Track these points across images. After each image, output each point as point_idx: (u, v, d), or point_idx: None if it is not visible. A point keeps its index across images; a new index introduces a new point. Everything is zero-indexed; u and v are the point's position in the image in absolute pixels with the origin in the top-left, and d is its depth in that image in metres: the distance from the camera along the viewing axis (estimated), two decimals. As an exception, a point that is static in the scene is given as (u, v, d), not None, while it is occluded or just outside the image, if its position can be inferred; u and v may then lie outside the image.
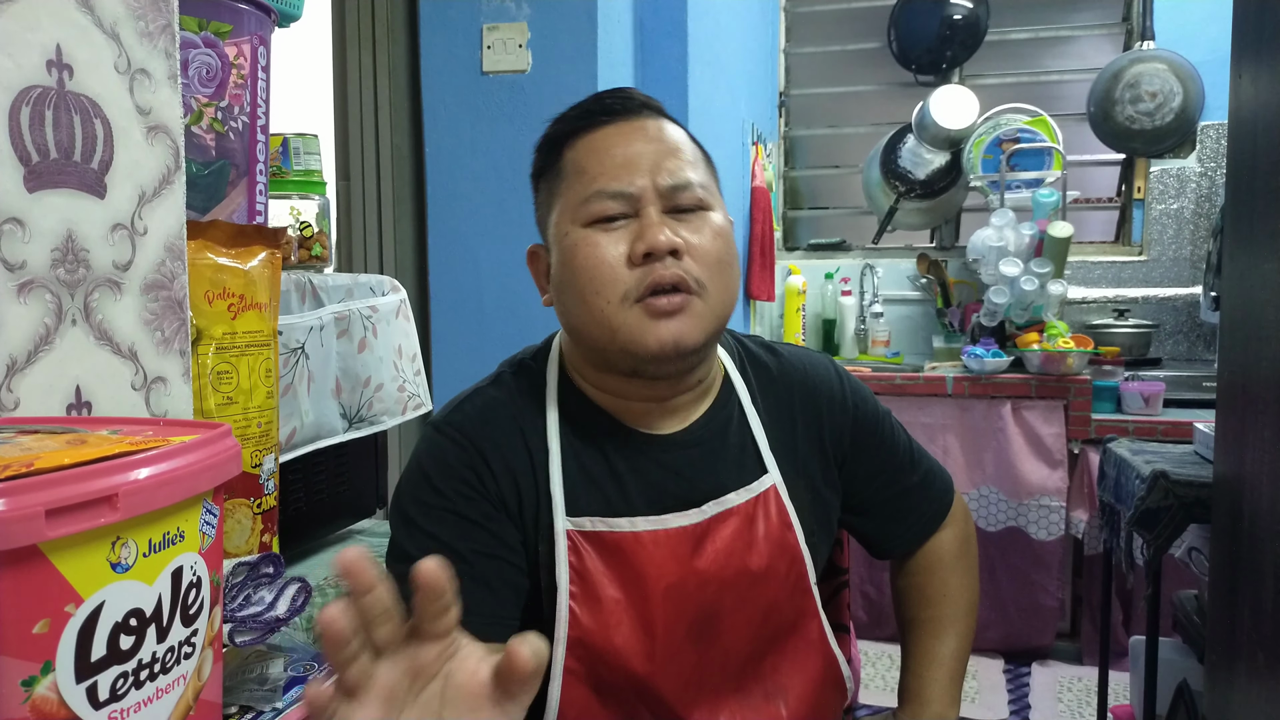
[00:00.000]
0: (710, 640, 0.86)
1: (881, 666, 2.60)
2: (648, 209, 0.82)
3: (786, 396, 0.95)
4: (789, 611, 0.90)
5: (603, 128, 0.86)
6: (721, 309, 0.85)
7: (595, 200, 0.82)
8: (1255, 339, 1.09)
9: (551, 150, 0.89)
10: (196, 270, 0.71)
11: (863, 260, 3.36)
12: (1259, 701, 1.05)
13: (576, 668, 0.84)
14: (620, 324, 0.81)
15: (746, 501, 0.88)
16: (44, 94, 0.57)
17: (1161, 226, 3.13)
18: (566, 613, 0.83)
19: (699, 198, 0.84)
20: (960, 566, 1.02)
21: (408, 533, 0.84)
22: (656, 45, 2.23)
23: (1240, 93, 1.17)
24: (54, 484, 0.40)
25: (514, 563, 0.84)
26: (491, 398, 0.90)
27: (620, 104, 0.87)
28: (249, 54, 0.84)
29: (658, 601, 0.83)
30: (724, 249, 0.85)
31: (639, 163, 0.83)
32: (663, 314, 0.81)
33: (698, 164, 0.86)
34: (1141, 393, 2.50)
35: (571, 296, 0.84)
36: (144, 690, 0.44)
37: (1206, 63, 2.94)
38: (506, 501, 0.85)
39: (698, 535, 0.86)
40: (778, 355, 0.99)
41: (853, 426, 0.96)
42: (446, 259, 2.12)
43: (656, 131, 0.86)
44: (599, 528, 0.84)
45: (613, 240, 0.82)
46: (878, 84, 3.46)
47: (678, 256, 0.81)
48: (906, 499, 1.00)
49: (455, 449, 0.86)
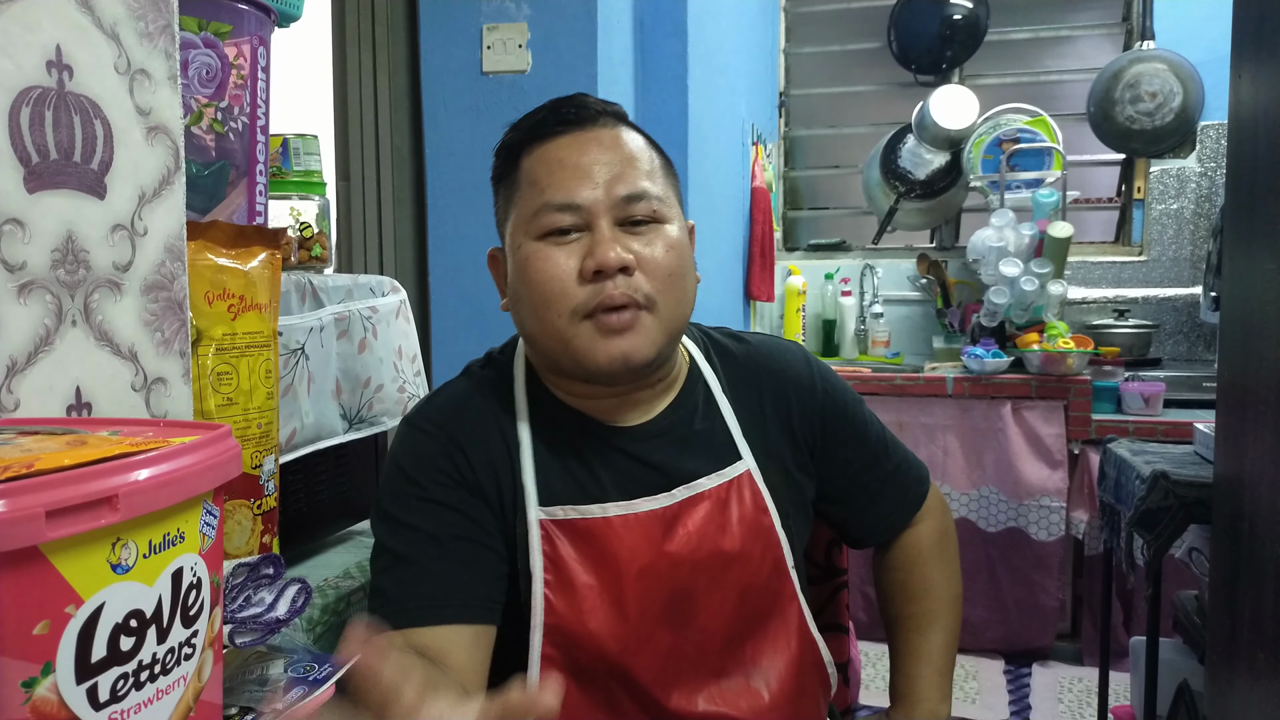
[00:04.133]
0: (684, 622, 0.87)
1: (882, 667, 2.60)
2: (599, 223, 0.82)
3: (755, 383, 0.96)
4: (767, 594, 0.91)
5: (557, 138, 0.86)
6: (673, 322, 0.85)
7: (545, 213, 0.83)
8: (1255, 339, 1.09)
9: (508, 158, 0.89)
10: (196, 271, 0.71)
11: (863, 260, 3.36)
12: (1259, 702, 1.05)
13: (553, 654, 0.85)
14: (571, 337, 0.82)
15: (719, 485, 0.89)
16: (44, 94, 0.57)
17: (1161, 227, 3.13)
18: (541, 600, 0.84)
19: (653, 209, 0.84)
20: (940, 559, 1.03)
21: (388, 529, 0.85)
22: (656, 45, 2.23)
23: (1240, 93, 1.17)
24: (54, 485, 0.40)
25: (492, 547, 0.85)
26: (462, 389, 0.92)
27: (575, 113, 0.87)
28: (249, 54, 0.84)
29: (630, 584, 0.85)
30: (676, 262, 0.84)
31: (592, 174, 0.83)
32: (612, 331, 0.81)
33: (654, 174, 0.86)
34: (1142, 393, 2.50)
35: (525, 308, 0.85)
36: (144, 691, 0.44)
37: (1206, 63, 2.94)
38: (484, 488, 0.86)
39: (668, 519, 0.87)
40: (745, 343, 0.99)
41: (822, 413, 0.97)
42: (446, 259, 2.12)
43: (612, 141, 0.85)
44: (571, 515, 0.86)
45: (564, 254, 0.82)
46: (878, 84, 3.46)
47: (628, 273, 0.82)
48: (881, 486, 1.00)
49: (429, 440, 0.87)
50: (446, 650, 0.80)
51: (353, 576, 0.99)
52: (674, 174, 0.91)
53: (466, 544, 0.84)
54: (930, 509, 1.04)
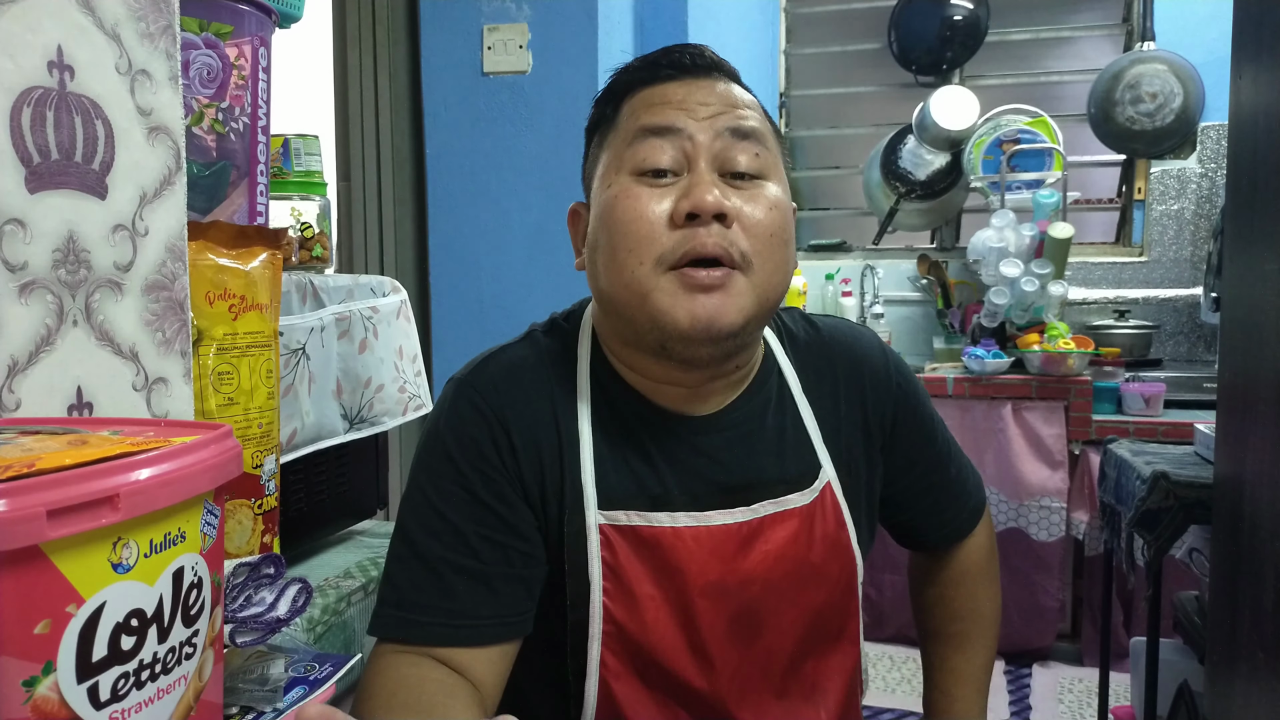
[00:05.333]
0: (749, 640, 0.82)
1: (882, 667, 2.59)
2: (699, 164, 0.74)
3: (829, 370, 0.89)
4: (837, 613, 0.86)
5: (667, 82, 0.78)
6: (769, 291, 0.76)
7: (640, 141, 0.75)
8: (1256, 340, 1.09)
9: (609, 102, 0.82)
10: (197, 271, 0.71)
11: (863, 261, 3.36)
12: (1260, 702, 1.05)
13: (613, 663, 0.79)
14: (650, 290, 0.73)
15: (809, 503, 0.83)
16: (45, 95, 0.57)
17: (1162, 227, 3.13)
18: (600, 609, 0.78)
19: (758, 158, 0.76)
20: (987, 577, 0.98)
21: (414, 508, 0.79)
22: (656, 45, 2.23)
23: (1240, 93, 1.17)
24: (55, 484, 0.40)
25: (524, 551, 0.79)
26: (520, 357, 0.83)
27: (691, 59, 0.79)
28: (250, 55, 0.84)
29: (695, 598, 0.79)
30: (779, 222, 0.76)
31: (696, 110, 0.75)
32: (699, 288, 0.72)
33: (764, 131, 0.78)
34: (1142, 394, 2.50)
35: (603, 255, 0.76)
36: (145, 690, 0.44)
37: (1207, 63, 2.94)
38: (526, 480, 0.79)
39: (746, 534, 0.80)
40: (817, 328, 0.92)
41: (895, 405, 0.90)
42: (447, 259, 2.12)
43: (725, 90, 0.78)
44: (635, 522, 0.78)
45: (657, 196, 0.74)
46: (878, 85, 3.46)
47: (725, 223, 0.73)
48: (946, 492, 0.95)
49: (477, 418, 0.79)
50: (468, 665, 0.75)
51: (353, 576, 0.99)
52: (783, 145, 0.82)
53: (499, 549, 0.77)
54: (984, 520, 0.99)
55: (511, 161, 2.04)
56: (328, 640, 0.90)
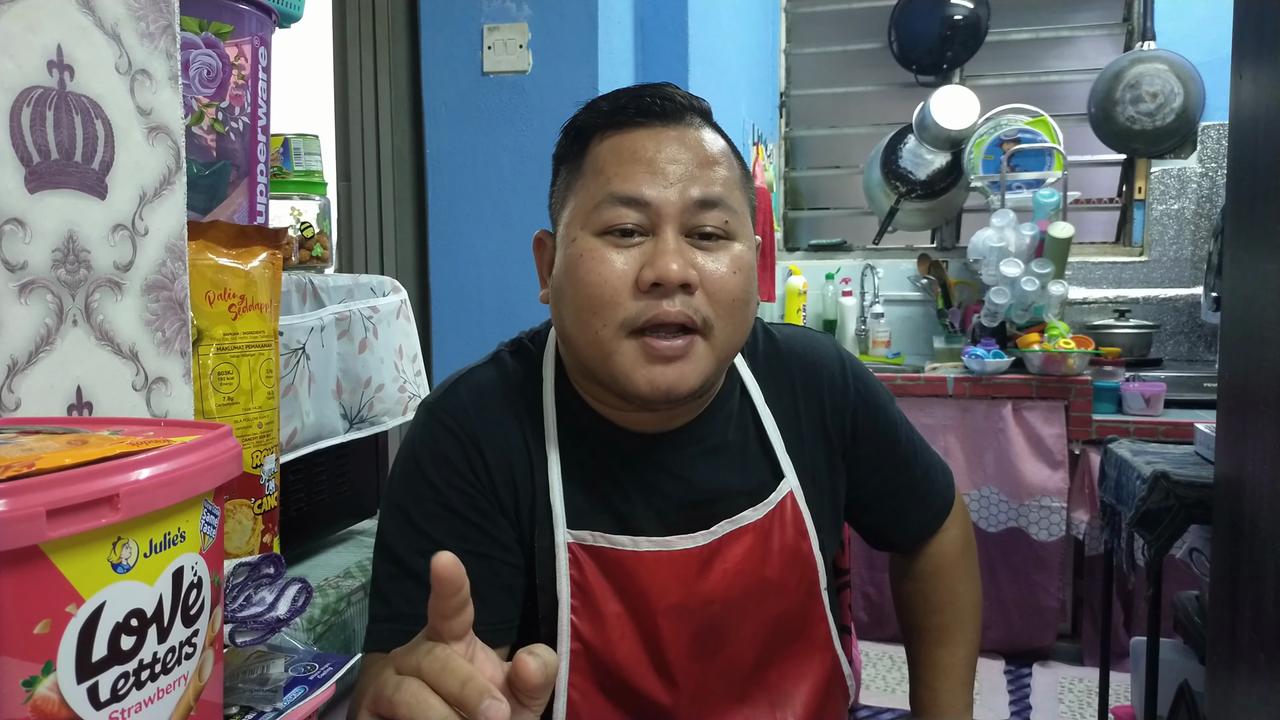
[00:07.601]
0: (711, 654, 0.84)
1: (882, 667, 2.59)
2: (665, 229, 0.74)
3: (787, 379, 0.90)
4: (798, 620, 0.88)
5: (635, 129, 0.78)
6: (727, 352, 0.78)
7: (607, 206, 0.75)
8: (1256, 340, 1.09)
9: (576, 139, 0.81)
10: (197, 271, 0.71)
11: (863, 261, 3.36)
12: (1260, 702, 1.05)
13: (580, 682, 0.82)
14: (613, 352, 0.75)
15: (764, 516, 0.84)
16: (45, 94, 0.57)
17: (1162, 227, 3.13)
18: (568, 626, 0.80)
19: (725, 223, 0.76)
20: (963, 569, 1.00)
21: (398, 529, 0.81)
22: (657, 45, 2.23)
23: (1241, 93, 1.17)
24: (55, 484, 0.40)
25: (508, 561, 0.81)
26: (488, 380, 0.85)
27: (660, 106, 0.78)
28: (250, 55, 0.84)
29: (659, 619, 0.81)
30: (741, 287, 0.77)
31: (666, 172, 0.75)
32: (659, 358, 0.74)
33: (732, 184, 0.78)
34: (1142, 393, 2.50)
35: (568, 309, 0.77)
36: (145, 690, 0.44)
37: (1207, 63, 2.94)
38: (501, 496, 0.82)
39: (705, 556, 0.82)
40: (774, 339, 0.93)
41: (854, 411, 0.91)
42: (447, 259, 2.12)
43: (695, 142, 0.77)
44: (600, 543, 0.81)
45: (622, 258, 0.74)
46: (878, 84, 3.46)
47: (689, 291, 0.74)
48: (910, 491, 0.96)
49: (450, 439, 0.82)
50: None
51: (353, 576, 0.99)
52: (752, 187, 0.83)
53: (483, 561, 0.79)
54: (955, 515, 1.00)
55: (512, 161, 2.04)
56: (328, 640, 0.90)
